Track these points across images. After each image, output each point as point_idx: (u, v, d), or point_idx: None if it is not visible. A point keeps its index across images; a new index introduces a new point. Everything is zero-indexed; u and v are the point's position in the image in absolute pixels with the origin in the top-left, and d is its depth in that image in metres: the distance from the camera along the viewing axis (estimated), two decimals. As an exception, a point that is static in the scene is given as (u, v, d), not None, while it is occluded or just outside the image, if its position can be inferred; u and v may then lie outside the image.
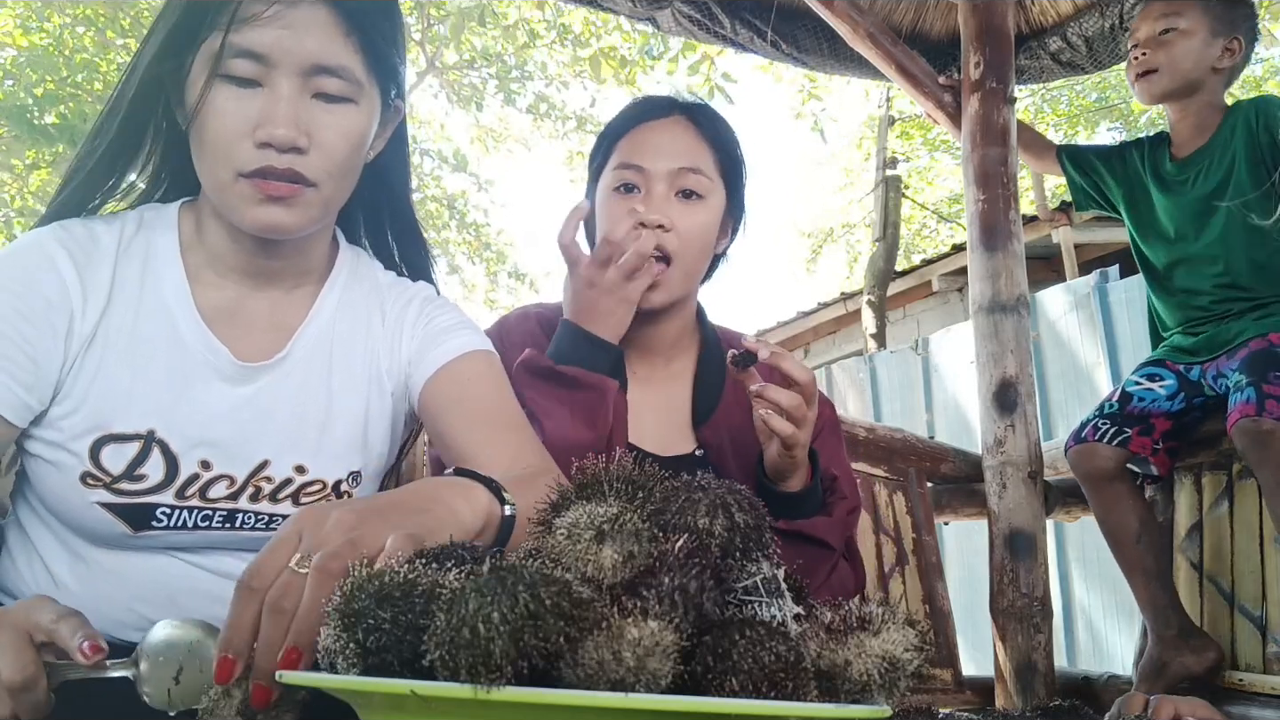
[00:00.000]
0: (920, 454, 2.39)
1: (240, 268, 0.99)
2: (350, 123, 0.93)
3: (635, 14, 2.47)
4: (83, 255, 0.94)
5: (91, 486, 0.91)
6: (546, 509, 0.66)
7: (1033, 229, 5.95)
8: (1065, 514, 2.45)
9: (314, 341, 1.02)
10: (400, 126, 1.07)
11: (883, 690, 0.60)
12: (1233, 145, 1.99)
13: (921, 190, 12.66)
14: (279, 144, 0.88)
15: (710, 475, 0.69)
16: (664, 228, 1.20)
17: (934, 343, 5.77)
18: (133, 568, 0.95)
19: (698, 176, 1.22)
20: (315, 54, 0.89)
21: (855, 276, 11.65)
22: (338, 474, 1.02)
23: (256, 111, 0.88)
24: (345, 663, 0.55)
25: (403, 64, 1.02)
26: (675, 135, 1.24)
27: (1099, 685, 2.20)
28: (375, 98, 0.97)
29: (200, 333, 0.96)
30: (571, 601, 0.52)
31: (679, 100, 1.30)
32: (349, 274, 1.08)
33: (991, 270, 2.35)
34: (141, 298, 0.95)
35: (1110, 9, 2.50)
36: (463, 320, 1.10)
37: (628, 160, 1.23)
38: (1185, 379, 2.02)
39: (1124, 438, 1.99)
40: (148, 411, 0.93)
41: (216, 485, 0.96)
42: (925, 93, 2.54)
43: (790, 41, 2.60)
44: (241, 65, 0.88)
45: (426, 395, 1.04)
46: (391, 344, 1.07)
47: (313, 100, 0.90)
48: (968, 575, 4.90)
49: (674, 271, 1.22)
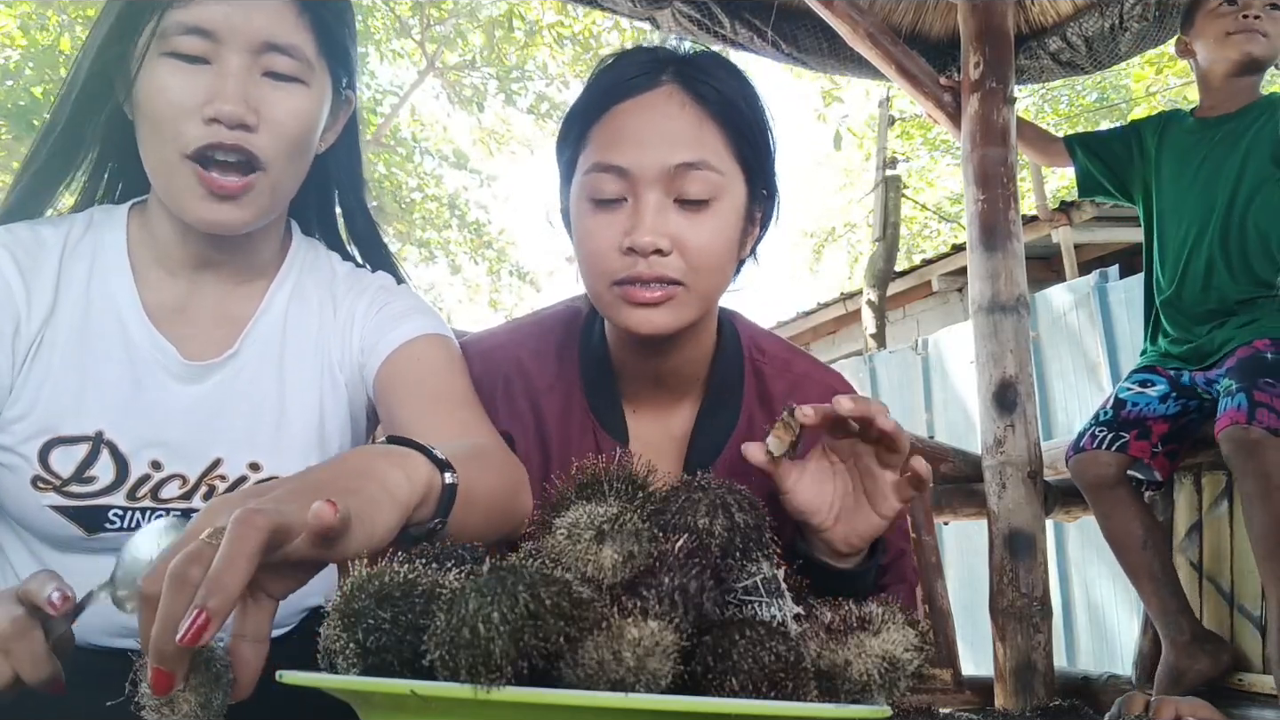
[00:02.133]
0: (920, 454, 2.39)
1: (188, 262, 0.98)
2: (300, 103, 0.91)
3: (635, 14, 2.47)
4: (27, 258, 0.93)
5: (42, 490, 0.91)
6: (547, 509, 0.66)
7: (1033, 229, 5.95)
8: (1065, 514, 2.45)
9: (265, 336, 1.01)
10: (352, 120, 1.06)
11: (883, 690, 0.60)
12: (1264, 129, 2.01)
13: (921, 190, 12.65)
14: (227, 120, 0.86)
15: (710, 475, 0.69)
16: (662, 252, 0.90)
17: (934, 343, 5.77)
18: (90, 571, 0.94)
19: (703, 173, 0.90)
20: (265, 30, 0.88)
21: (855, 276, 11.65)
22: (295, 468, 0.99)
23: (204, 88, 0.86)
24: (345, 663, 0.55)
25: (354, 50, 1.00)
26: (669, 115, 0.91)
27: (1099, 685, 2.20)
28: (326, 83, 0.95)
29: (148, 332, 0.95)
30: (571, 601, 0.52)
31: (670, 56, 0.95)
32: (301, 266, 1.06)
33: (991, 270, 2.35)
34: (89, 298, 0.95)
35: (1110, 9, 2.49)
36: (417, 305, 1.06)
37: (605, 159, 0.91)
38: (1176, 383, 2.02)
39: (1122, 442, 1.99)
40: (96, 413, 0.92)
41: (168, 485, 0.95)
42: (925, 93, 2.53)
43: (790, 41, 2.60)
44: (188, 42, 0.86)
45: (380, 380, 1.01)
46: (343, 334, 1.04)
47: (262, 78, 0.89)
48: (967, 575, 4.90)
49: (685, 294, 0.93)
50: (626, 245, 0.89)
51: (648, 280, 0.90)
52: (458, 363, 1.02)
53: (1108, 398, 2.10)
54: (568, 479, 0.71)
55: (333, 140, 1.03)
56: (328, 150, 1.02)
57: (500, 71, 11.09)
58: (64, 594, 0.66)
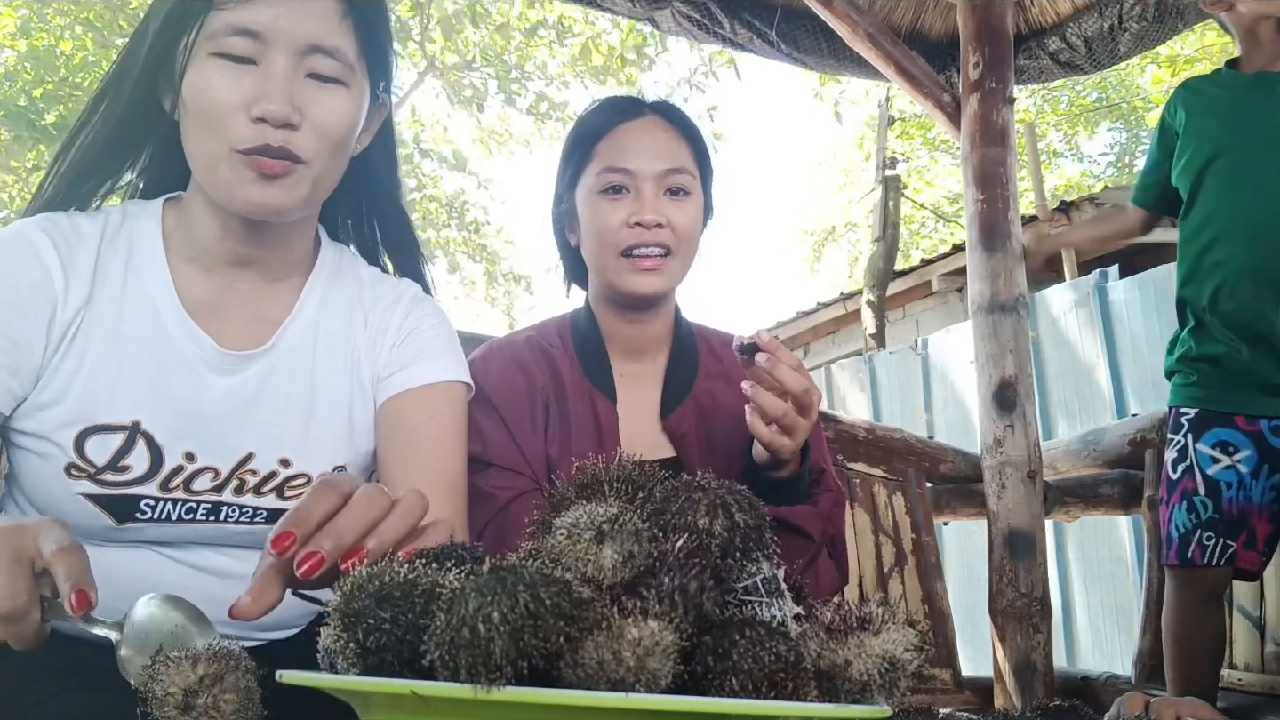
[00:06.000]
0: (919, 454, 2.39)
1: (225, 257, 0.99)
2: (341, 104, 0.93)
3: (634, 14, 2.47)
4: (66, 245, 0.94)
5: (76, 478, 0.92)
6: (547, 509, 0.66)
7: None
8: (1064, 514, 2.45)
9: (299, 335, 1.02)
10: (387, 122, 1.08)
11: (883, 690, 0.60)
12: None
13: (921, 190, 12.66)
14: (273, 119, 0.88)
15: (710, 475, 0.69)
16: (661, 225, 1.23)
17: (933, 343, 5.77)
18: (115, 563, 0.95)
19: (684, 176, 1.25)
20: (312, 33, 0.90)
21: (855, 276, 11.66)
22: (323, 467, 1.02)
23: (251, 87, 0.88)
24: (345, 663, 0.55)
25: (393, 55, 1.02)
26: (657, 136, 1.26)
27: (1098, 685, 2.20)
28: (365, 86, 0.97)
29: (184, 324, 0.96)
30: (571, 601, 0.52)
31: (650, 101, 1.32)
32: (332, 270, 1.08)
33: (991, 270, 2.35)
34: (125, 290, 0.96)
35: (1109, 9, 2.50)
36: (445, 336, 1.10)
37: (614, 164, 1.24)
38: (1263, 444, 1.77)
39: (1230, 553, 1.76)
40: (132, 403, 0.93)
41: (201, 477, 0.96)
42: (924, 93, 2.54)
43: (789, 42, 2.60)
44: (236, 43, 0.88)
45: (387, 411, 1.04)
46: (373, 347, 1.07)
47: (306, 79, 0.91)
48: (967, 575, 4.90)
49: (673, 262, 1.26)
50: (634, 221, 1.22)
51: (650, 245, 1.23)
52: (459, 419, 1.08)
53: (1191, 475, 1.82)
54: (568, 479, 0.71)
55: (368, 142, 1.05)
56: (363, 153, 1.04)
57: (500, 71, 11.10)
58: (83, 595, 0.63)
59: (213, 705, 0.58)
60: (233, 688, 0.59)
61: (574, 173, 1.29)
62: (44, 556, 0.64)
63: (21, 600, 0.64)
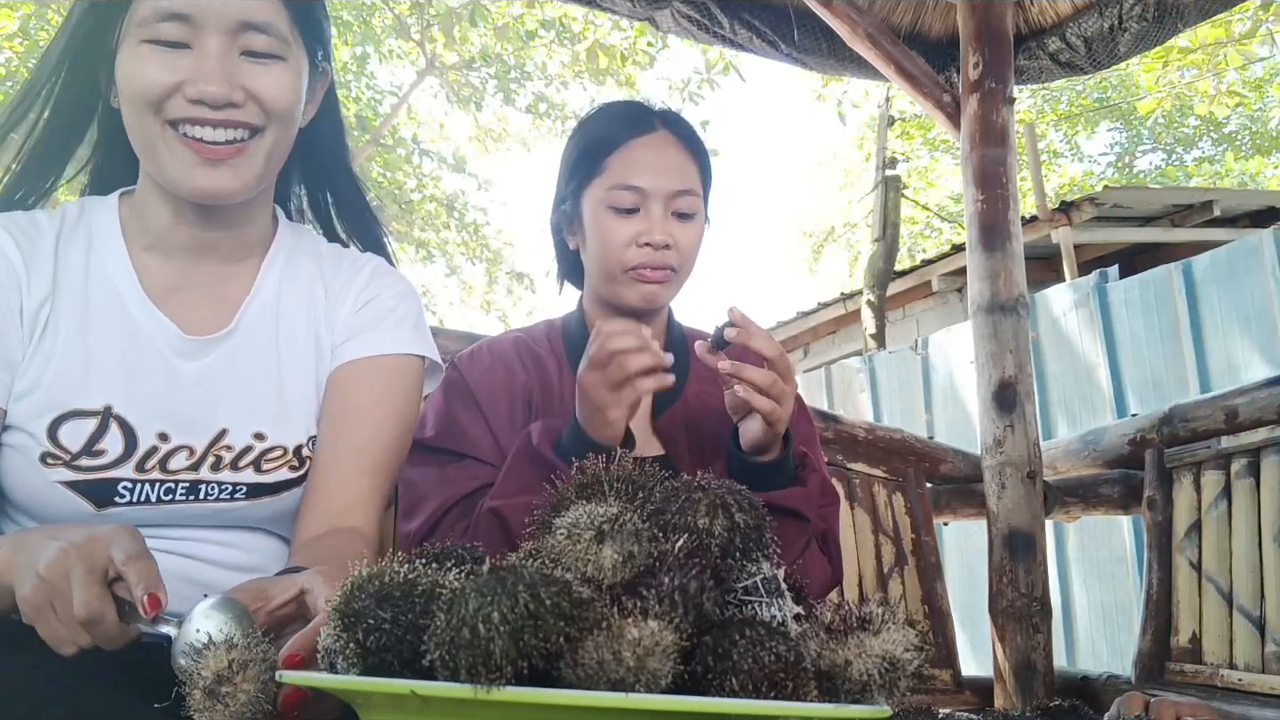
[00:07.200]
0: (919, 454, 2.39)
1: (182, 243, 1.00)
2: (281, 78, 0.94)
3: (634, 14, 2.47)
4: (25, 239, 0.96)
5: (52, 466, 0.92)
6: (547, 509, 0.66)
7: (1033, 229, 5.95)
8: (1064, 514, 2.45)
9: (259, 312, 1.03)
10: (330, 92, 1.09)
11: (883, 690, 0.60)
12: None
13: (921, 190, 12.66)
14: (212, 101, 0.89)
15: (710, 475, 0.69)
16: (669, 246, 1.26)
17: (933, 343, 5.76)
18: None
19: (691, 198, 1.27)
20: (241, 11, 0.91)
21: (855, 276, 11.65)
22: (297, 439, 1.02)
23: (185, 71, 0.89)
24: (345, 663, 0.55)
25: (327, 24, 1.03)
26: (669, 155, 1.28)
27: (1098, 685, 2.20)
28: (303, 58, 0.98)
29: (148, 310, 0.98)
30: (571, 601, 0.52)
31: (658, 111, 1.33)
32: (290, 246, 1.09)
33: (991, 270, 2.35)
34: (89, 279, 0.97)
35: (1109, 9, 2.49)
36: (406, 308, 1.10)
37: (625, 181, 1.25)
38: None
39: None
40: (103, 388, 0.94)
41: (176, 456, 0.97)
42: (924, 93, 2.53)
43: (789, 42, 2.60)
44: (167, 29, 0.89)
45: (333, 379, 1.05)
46: (331, 315, 1.07)
47: (241, 58, 0.92)
48: (967, 575, 4.89)
49: (676, 279, 1.29)
50: (643, 241, 1.24)
51: (658, 267, 1.25)
52: (406, 393, 1.07)
53: None
54: (567, 479, 0.71)
55: (313, 114, 1.05)
56: (309, 124, 1.05)
57: (499, 71, 11.09)
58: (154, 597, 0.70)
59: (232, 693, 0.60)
60: (254, 678, 0.61)
61: (581, 181, 1.30)
62: (116, 564, 0.70)
63: (96, 606, 0.69)
